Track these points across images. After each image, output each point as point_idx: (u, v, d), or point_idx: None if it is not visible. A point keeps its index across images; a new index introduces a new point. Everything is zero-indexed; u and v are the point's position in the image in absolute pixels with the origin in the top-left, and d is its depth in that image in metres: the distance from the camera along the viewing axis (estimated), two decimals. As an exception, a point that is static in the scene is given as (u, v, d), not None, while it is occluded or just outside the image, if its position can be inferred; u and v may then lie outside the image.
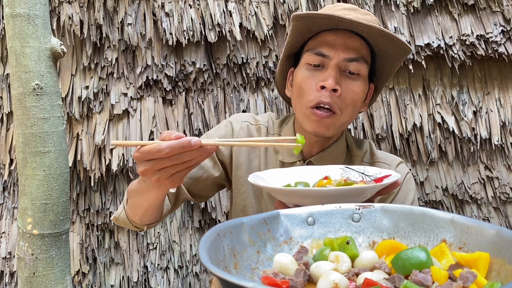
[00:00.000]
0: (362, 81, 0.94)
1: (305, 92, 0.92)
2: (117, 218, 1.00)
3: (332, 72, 0.90)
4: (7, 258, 1.65)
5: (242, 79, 1.65)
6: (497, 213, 1.63)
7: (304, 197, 0.66)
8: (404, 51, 0.93)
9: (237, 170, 1.04)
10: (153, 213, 0.93)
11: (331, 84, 0.88)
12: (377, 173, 0.79)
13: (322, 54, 0.92)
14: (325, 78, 0.90)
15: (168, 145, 0.65)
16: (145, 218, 0.94)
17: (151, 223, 0.97)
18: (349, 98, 0.92)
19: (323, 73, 0.92)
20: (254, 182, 0.73)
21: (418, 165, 1.64)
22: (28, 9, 1.26)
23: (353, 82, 0.93)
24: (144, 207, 0.89)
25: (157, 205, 0.90)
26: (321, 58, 0.92)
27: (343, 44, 0.91)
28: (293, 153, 1.00)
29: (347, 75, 0.93)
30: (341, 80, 0.91)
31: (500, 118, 1.61)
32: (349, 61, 0.91)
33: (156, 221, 0.98)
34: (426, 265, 0.44)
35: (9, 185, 1.68)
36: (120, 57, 1.64)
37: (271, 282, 0.42)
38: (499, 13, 1.58)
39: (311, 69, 0.93)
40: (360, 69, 0.93)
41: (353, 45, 0.92)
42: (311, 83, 0.92)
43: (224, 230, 0.48)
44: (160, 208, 0.93)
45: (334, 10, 0.97)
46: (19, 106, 1.27)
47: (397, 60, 0.97)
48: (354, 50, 0.92)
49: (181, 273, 1.67)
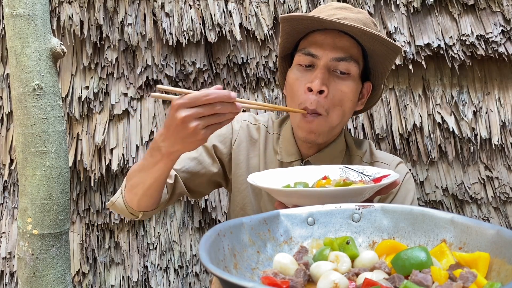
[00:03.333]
0: (352, 81, 0.93)
1: (295, 93, 0.93)
2: (113, 203, 0.99)
3: (319, 73, 0.89)
4: (7, 258, 1.65)
5: (242, 79, 1.65)
6: (497, 213, 1.63)
7: (303, 198, 0.66)
8: (393, 50, 0.92)
9: (237, 169, 1.04)
10: (153, 195, 0.91)
11: (316, 85, 0.88)
12: (376, 173, 0.79)
13: (311, 54, 0.92)
14: (312, 79, 0.90)
15: (215, 92, 0.71)
16: (144, 200, 0.93)
17: (148, 210, 0.96)
18: (337, 98, 0.91)
19: (311, 73, 0.91)
20: (253, 182, 0.73)
21: (418, 165, 1.64)
22: (28, 9, 1.26)
23: (342, 82, 0.92)
24: (147, 184, 0.88)
25: (160, 183, 0.89)
26: (311, 58, 0.92)
27: (332, 43, 0.91)
28: (291, 152, 1.01)
29: (337, 75, 0.92)
30: (329, 80, 0.90)
31: (500, 118, 1.61)
32: (338, 60, 0.91)
33: (153, 209, 0.97)
34: (426, 265, 0.44)
35: (9, 185, 1.68)
36: (120, 57, 1.64)
37: (271, 282, 0.42)
38: (499, 13, 1.58)
39: (302, 69, 0.93)
40: (350, 69, 0.92)
41: (342, 44, 0.91)
42: (301, 84, 0.92)
43: (224, 230, 0.48)
44: (161, 190, 0.92)
45: (326, 9, 0.96)
46: (19, 106, 1.27)
47: (387, 59, 0.96)
48: (343, 50, 0.91)
49: (181, 273, 1.67)
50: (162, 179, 0.88)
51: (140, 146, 1.63)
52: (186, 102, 0.72)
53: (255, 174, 0.80)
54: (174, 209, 1.68)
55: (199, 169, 1.03)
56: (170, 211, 1.68)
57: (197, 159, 1.03)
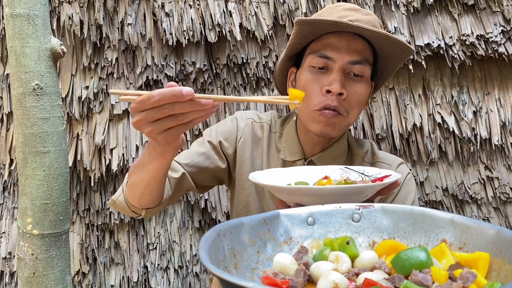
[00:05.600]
0: (365, 83, 0.95)
1: (310, 95, 0.93)
2: (114, 201, 0.97)
3: (337, 76, 0.90)
4: (7, 258, 1.64)
5: (242, 79, 1.65)
6: (497, 213, 1.63)
7: (304, 196, 0.66)
8: (408, 53, 0.94)
9: (241, 166, 1.05)
10: (153, 191, 0.89)
11: (336, 88, 0.89)
12: (377, 173, 0.79)
13: (326, 57, 0.92)
14: (331, 82, 0.90)
15: (159, 93, 0.64)
16: (144, 198, 0.90)
17: (150, 207, 0.94)
18: (354, 100, 0.93)
19: (327, 76, 0.92)
20: (254, 180, 0.73)
21: (418, 165, 1.64)
22: (28, 9, 1.26)
23: (357, 84, 0.93)
24: (145, 181, 0.86)
25: (158, 180, 0.86)
26: (325, 61, 0.92)
27: (347, 46, 0.92)
28: (294, 151, 1.01)
29: (351, 77, 0.93)
30: (345, 83, 0.91)
31: (500, 118, 1.61)
32: (353, 63, 0.92)
33: (155, 206, 0.95)
34: (426, 265, 0.44)
35: (9, 185, 1.68)
36: (120, 57, 1.64)
37: (271, 282, 0.42)
38: (499, 13, 1.58)
39: (315, 71, 0.93)
40: (364, 71, 0.93)
41: (357, 47, 0.92)
42: (316, 87, 0.92)
43: (224, 230, 0.48)
44: (160, 186, 0.89)
45: (336, 10, 0.97)
46: (19, 106, 1.27)
47: (399, 61, 0.98)
48: (358, 53, 0.92)
49: (181, 273, 1.67)
50: (159, 177, 0.86)
51: (140, 146, 1.63)
52: (135, 106, 0.66)
53: (256, 172, 0.80)
54: (174, 209, 1.68)
55: (208, 164, 1.03)
56: (170, 211, 1.68)
57: (205, 154, 1.03)
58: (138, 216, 0.98)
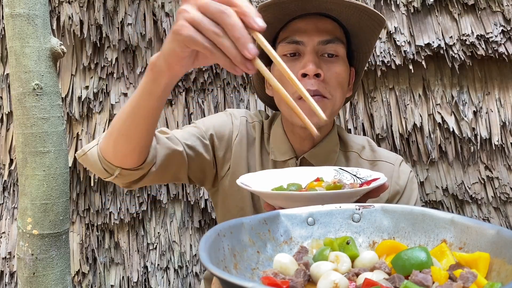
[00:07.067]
0: (342, 62, 0.92)
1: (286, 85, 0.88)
2: (85, 152, 0.84)
3: (310, 57, 0.87)
4: (7, 258, 1.64)
5: (242, 79, 1.65)
6: (497, 213, 1.63)
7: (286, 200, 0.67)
8: (378, 23, 0.91)
9: (237, 166, 1.00)
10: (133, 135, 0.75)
11: (311, 69, 0.85)
12: (368, 176, 0.79)
13: (296, 41, 0.89)
14: (304, 65, 0.87)
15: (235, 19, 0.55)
16: (120, 144, 0.76)
17: (126, 165, 0.79)
18: (334, 80, 0.89)
19: (300, 61, 0.89)
20: (241, 185, 0.72)
21: (418, 165, 1.64)
22: (28, 9, 1.26)
23: (333, 64, 0.90)
24: (139, 115, 0.73)
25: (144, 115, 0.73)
26: (295, 46, 0.90)
27: (315, 28, 0.89)
28: (284, 151, 0.97)
29: (326, 58, 0.90)
30: (320, 64, 0.88)
31: (500, 118, 1.61)
32: (324, 43, 0.89)
33: (133, 167, 0.80)
34: (426, 265, 0.44)
35: (9, 185, 1.68)
36: (120, 57, 1.64)
37: (271, 282, 0.42)
38: (499, 13, 1.58)
39: (287, 59, 0.90)
40: (338, 50, 0.90)
41: (325, 27, 0.90)
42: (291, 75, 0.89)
43: (224, 230, 0.48)
44: (144, 128, 0.75)
45: None
46: (19, 106, 1.27)
47: (372, 34, 0.94)
48: (328, 32, 0.90)
49: (181, 273, 1.67)
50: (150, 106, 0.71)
51: (140, 146, 1.63)
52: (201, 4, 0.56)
53: (249, 174, 0.80)
54: (174, 209, 1.68)
55: (203, 151, 0.96)
56: (170, 211, 1.68)
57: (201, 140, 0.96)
58: (109, 176, 0.82)
